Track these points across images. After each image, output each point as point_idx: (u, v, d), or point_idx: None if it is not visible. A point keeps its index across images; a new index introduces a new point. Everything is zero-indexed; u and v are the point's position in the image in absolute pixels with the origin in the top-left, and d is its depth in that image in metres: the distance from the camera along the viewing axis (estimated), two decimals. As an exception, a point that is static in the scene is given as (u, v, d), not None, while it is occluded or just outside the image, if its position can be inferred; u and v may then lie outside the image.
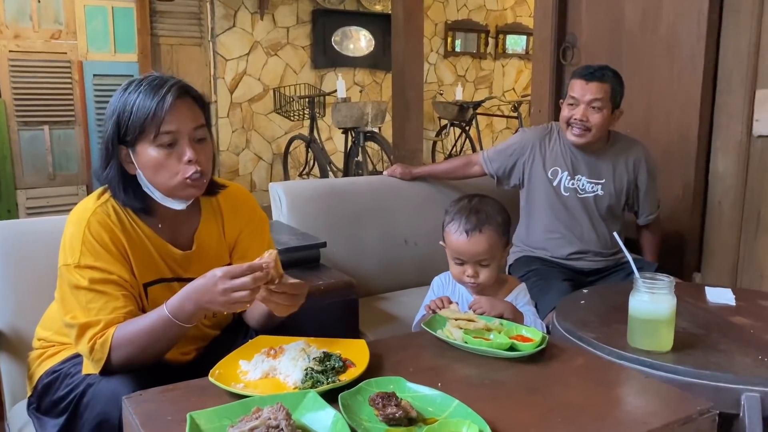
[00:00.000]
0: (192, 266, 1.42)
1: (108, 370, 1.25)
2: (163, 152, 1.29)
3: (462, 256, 1.62)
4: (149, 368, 1.33)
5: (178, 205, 1.36)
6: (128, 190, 1.34)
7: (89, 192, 5.13)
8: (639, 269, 1.44)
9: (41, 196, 4.94)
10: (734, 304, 1.69)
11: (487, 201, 1.66)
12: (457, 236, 1.62)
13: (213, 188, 1.44)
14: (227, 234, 1.49)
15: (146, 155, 1.30)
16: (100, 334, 1.24)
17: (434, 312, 1.47)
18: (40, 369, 1.40)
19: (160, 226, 1.38)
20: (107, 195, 1.37)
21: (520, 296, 1.68)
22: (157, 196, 1.34)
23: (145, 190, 1.34)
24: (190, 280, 1.41)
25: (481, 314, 1.48)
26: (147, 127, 1.27)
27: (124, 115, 1.29)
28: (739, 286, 2.53)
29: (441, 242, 1.72)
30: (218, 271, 1.18)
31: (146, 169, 1.31)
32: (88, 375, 1.28)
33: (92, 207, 1.34)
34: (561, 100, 2.38)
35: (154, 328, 1.24)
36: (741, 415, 1.24)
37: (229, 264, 1.50)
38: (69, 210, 1.41)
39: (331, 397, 1.02)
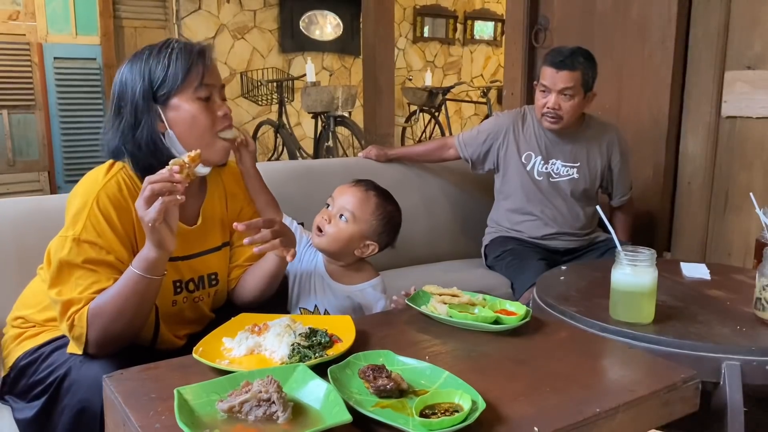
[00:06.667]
0: (195, 242, 1.40)
1: (91, 347, 1.22)
2: (200, 105, 1.31)
3: (333, 196, 1.57)
4: (135, 353, 1.30)
5: (202, 170, 1.34)
6: (157, 150, 1.31)
7: (51, 179, 5.01)
8: (613, 248, 1.46)
9: (0, 182, 4.78)
10: (709, 278, 1.72)
11: (393, 201, 1.61)
12: (344, 184, 1.59)
13: None
14: (230, 210, 1.49)
15: (182, 109, 1.30)
16: (79, 309, 1.21)
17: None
18: (18, 350, 1.35)
19: None
20: (116, 168, 1.32)
21: (368, 288, 1.59)
22: (190, 148, 1.30)
23: (173, 151, 1.32)
24: (191, 257, 1.39)
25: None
26: (189, 77, 1.29)
27: (156, 72, 1.29)
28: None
29: None
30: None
31: (180, 124, 1.31)
32: (69, 359, 1.24)
33: (102, 181, 1.29)
34: (535, 82, 2.39)
35: (121, 288, 1.21)
36: (721, 383, 1.26)
37: (229, 242, 1.49)
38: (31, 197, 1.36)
39: (318, 372, 1.00)
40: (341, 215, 1.53)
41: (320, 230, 1.54)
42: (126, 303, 1.21)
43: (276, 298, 1.54)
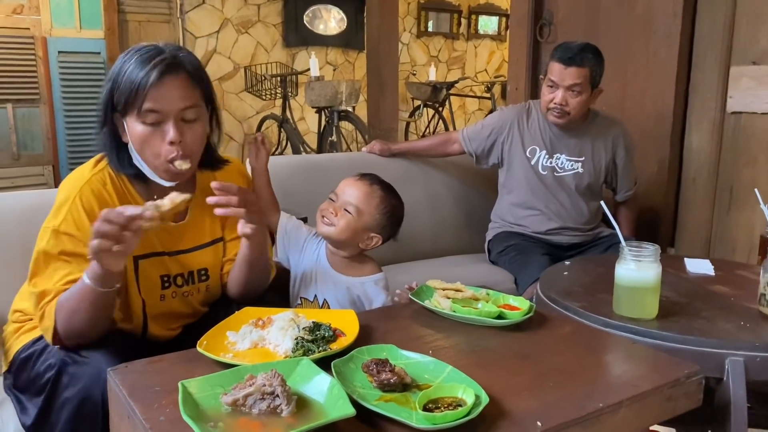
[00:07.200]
0: (184, 238, 1.39)
1: (59, 339, 1.23)
2: (147, 129, 1.25)
3: (338, 191, 1.59)
4: (131, 344, 1.31)
5: (165, 183, 1.32)
6: (122, 157, 1.31)
7: (55, 173, 5.01)
8: (617, 244, 1.46)
9: (5, 176, 4.78)
10: (713, 274, 1.72)
11: (396, 194, 1.63)
12: (349, 178, 1.61)
13: (214, 164, 1.42)
14: None
15: (133, 128, 1.26)
16: (49, 301, 1.22)
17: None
18: (17, 344, 1.36)
19: (155, 197, 1.34)
20: (104, 163, 1.33)
21: (370, 283, 1.61)
22: (146, 170, 1.31)
23: (135, 162, 1.31)
24: (180, 253, 1.39)
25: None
26: (131, 102, 1.23)
27: (116, 82, 1.25)
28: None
29: None
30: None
31: (134, 142, 1.28)
32: (67, 352, 1.24)
33: (87, 175, 1.30)
34: (541, 76, 2.38)
35: (74, 293, 1.20)
36: (725, 378, 1.26)
37: (221, 238, 1.48)
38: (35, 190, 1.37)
39: (322, 366, 1.00)
40: (346, 209, 1.55)
41: (327, 220, 1.56)
42: (79, 306, 1.19)
43: (274, 293, 1.54)
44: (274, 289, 1.56)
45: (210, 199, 1.22)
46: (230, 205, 1.22)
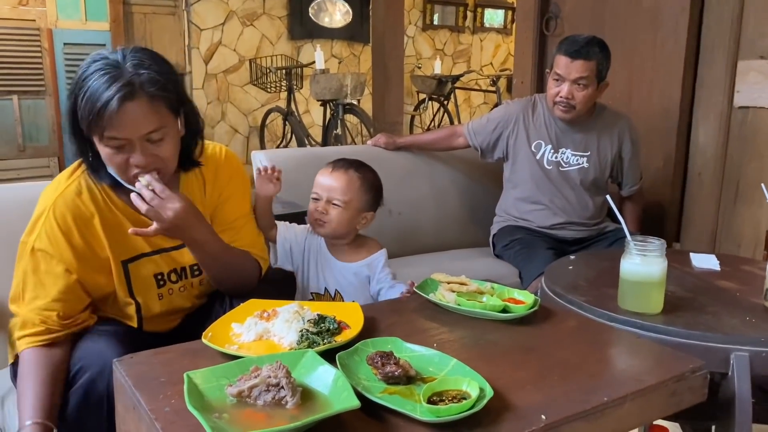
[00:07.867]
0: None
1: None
2: (112, 150, 1.22)
3: (318, 188, 1.61)
4: (133, 335, 1.32)
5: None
6: (97, 167, 1.29)
7: (61, 164, 5.03)
8: (622, 238, 1.45)
9: (10, 168, 4.81)
10: (719, 269, 1.71)
11: (367, 166, 1.67)
12: (322, 171, 1.63)
13: (189, 165, 1.40)
14: (208, 195, 1.44)
15: (99, 147, 1.24)
16: (23, 335, 1.25)
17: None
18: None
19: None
20: (81, 170, 1.32)
21: (375, 261, 1.64)
22: (120, 179, 1.28)
23: (110, 171, 1.29)
24: (173, 249, 1.38)
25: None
26: (92, 127, 1.19)
27: (78, 100, 1.19)
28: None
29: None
30: None
31: (102, 157, 1.26)
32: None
33: (63, 186, 1.30)
34: (547, 70, 2.37)
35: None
36: (730, 373, 1.26)
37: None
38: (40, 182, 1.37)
39: (326, 359, 1.00)
40: (333, 203, 1.59)
41: (320, 221, 1.59)
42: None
43: (268, 285, 1.54)
44: (270, 282, 1.56)
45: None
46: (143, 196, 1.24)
